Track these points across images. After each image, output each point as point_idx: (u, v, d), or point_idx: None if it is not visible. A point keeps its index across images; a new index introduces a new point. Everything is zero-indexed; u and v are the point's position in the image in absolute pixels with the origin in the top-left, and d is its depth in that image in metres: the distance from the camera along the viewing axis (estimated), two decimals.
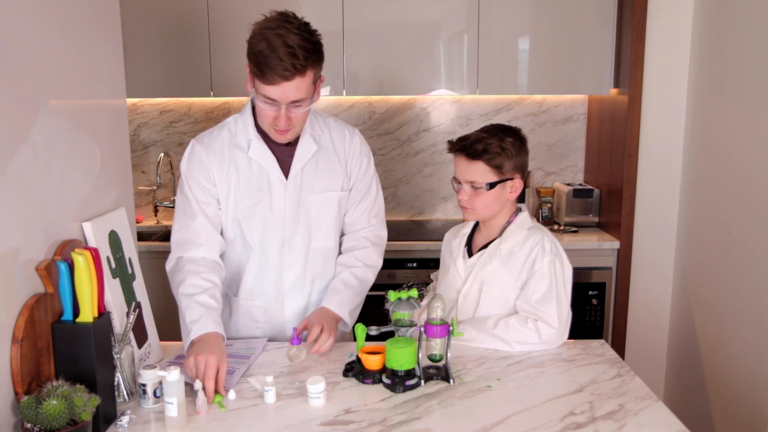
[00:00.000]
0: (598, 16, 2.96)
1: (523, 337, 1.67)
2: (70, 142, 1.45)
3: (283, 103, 1.58)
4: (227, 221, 1.77)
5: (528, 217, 1.78)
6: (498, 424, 1.34)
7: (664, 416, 1.37)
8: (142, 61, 2.99)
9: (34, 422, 1.17)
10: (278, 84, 1.54)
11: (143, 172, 3.42)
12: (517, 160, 1.70)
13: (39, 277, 1.29)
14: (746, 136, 2.36)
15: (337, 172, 1.80)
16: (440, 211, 3.47)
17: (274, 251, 1.78)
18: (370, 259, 1.87)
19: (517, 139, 1.72)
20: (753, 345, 2.30)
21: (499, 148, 1.67)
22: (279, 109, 1.59)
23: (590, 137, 3.33)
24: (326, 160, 1.79)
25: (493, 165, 1.68)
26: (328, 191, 1.79)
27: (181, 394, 1.32)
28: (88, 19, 1.56)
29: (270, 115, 1.61)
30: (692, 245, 2.81)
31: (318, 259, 1.83)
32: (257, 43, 1.54)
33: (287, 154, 1.75)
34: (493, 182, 1.69)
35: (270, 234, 1.77)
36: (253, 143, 1.73)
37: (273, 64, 1.51)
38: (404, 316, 1.54)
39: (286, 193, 1.75)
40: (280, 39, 1.51)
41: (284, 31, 1.52)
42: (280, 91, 1.55)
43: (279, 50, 1.51)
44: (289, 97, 1.57)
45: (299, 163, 1.75)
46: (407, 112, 3.37)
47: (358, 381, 1.53)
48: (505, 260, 1.73)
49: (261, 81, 1.55)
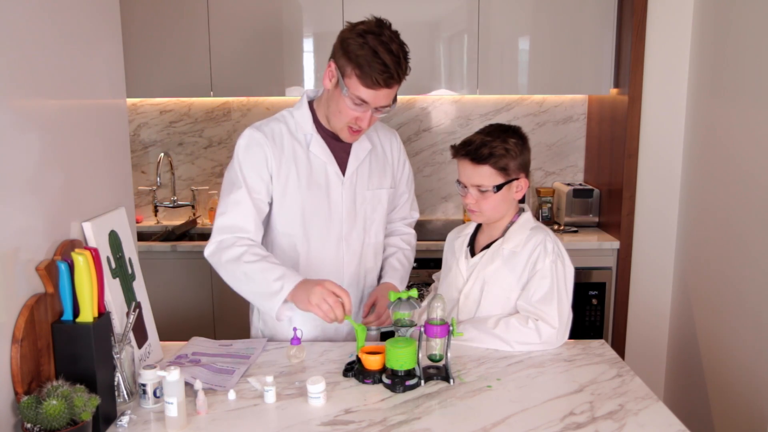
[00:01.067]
0: (598, 16, 2.96)
1: (524, 336, 1.67)
2: (70, 142, 1.45)
3: (372, 106, 1.62)
4: (284, 216, 1.76)
5: (531, 218, 1.79)
6: (498, 424, 1.34)
7: (664, 416, 1.37)
8: (142, 61, 2.99)
9: (34, 422, 1.17)
10: (377, 89, 1.59)
11: (143, 172, 3.42)
12: (521, 159, 1.71)
13: (39, 277, 1.29)
14: (746, 135, 2.36)
15: (386, 169, 1.87)
16: (440, 211, 3.47)
17: (332, 248, 1.80)
18: (413, 243, 2.04)
19: (519, 138, 1.72)
20: (753, 345, 2.30)
21: (504, 150, 1.67)
22: (366, 111, 1.63)
23: (590, 137, 3.34)
24: (377, 158, 1.85)
25: (499, 167, 1.68)
26: (380, 188, 1.85)
27: (181, 394, 1.32)
28: (88, 19, 1.56)
29: (353, 115, 1.64)
30: (692, 245, 2.81)
31: (370, 254, 1.88)
32: (360, 46, 1.57)
33: (343, 151, 1.79)
34: (500, 184, 1.69)
35: (328, 230, 1.78)
36: (314, 138, 1.75)
37: (379, 69, 1.56)
38: (404, 316, 1.54)
39: (343, 189, 1.78)
40: (385, 46, 1.57)
41: (387, 39, 1.58)
42: (375, 96, 1.60)
43: (385, 57, 1.56)
44: (380, 101, 1.62)
45: (356, 160, 1.79)
46: (407, 112, 3.37)
47: (358, 381, 1.53)
48: (507, 260, 1.73)
49: (360, 83, 1.59)
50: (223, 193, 1.75)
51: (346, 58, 1.59)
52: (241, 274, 1.65)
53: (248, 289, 1.67)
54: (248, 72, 3.01)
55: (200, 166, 3.42)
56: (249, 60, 3.00)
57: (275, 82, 3.04)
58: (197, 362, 1.62)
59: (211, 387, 1.49)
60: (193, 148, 3.42)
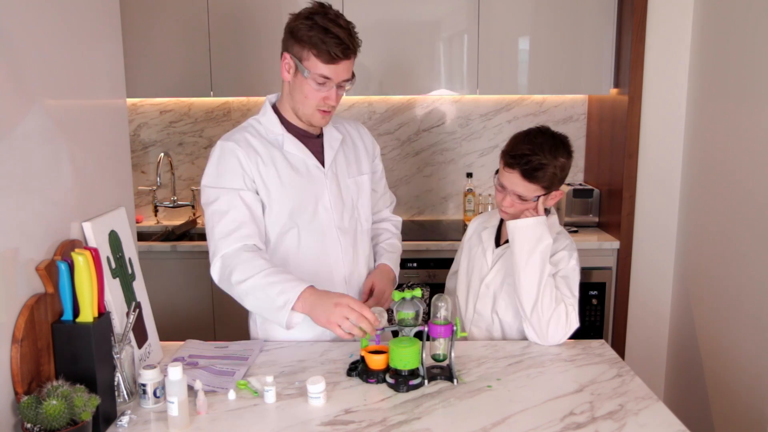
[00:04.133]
0: (598, 17, 2.96)
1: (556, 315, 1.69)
2: (69, 142, 1.45)
3: (335, 81, 1.67)
4: (273, 216, 1.75)
5: (557, 221, 1.84)
6: (498, 424, 1.34)
7: (664, 416, 1.38)
8: (142, 61, 2.99)
9: (34, 422, 1.17)
10: (337, 62, 1.64)
11: (143, 172, 3.42)
12: (564, 175, 1.76)
13: (39, 277, 1.29)
14: (746, 136, 2.36)
15: (362, 156, 1.92)
16: (440, 211, 3.47)
17: (328, 238, 1.80)
18: (399, 228, 2.07)
19: (569, 155, 1.75)
20: (753, 345, 2.30)
21: (555, 170, 1.71)
22: (331, 88, 1.68)
23: (590, 137, 3.34)
24: (351, 146, 1.90)
25: (545, 185, 1.72)
26: (360, 174, 1.89)
27: (183, 394, 1.32)
28: (88, 19, 1.56)
29: (319, 96, 1.69)
30: (692, 245, 2.81)
31: (365, 240, 1.90)
32: (310, 27, 1.63)
33: (316, 145, 1.82)
34: (540, 195, 1.74)
35: (320, 222, 1.79)
36: (286, 138, 1.77)
37: (335, 43, 1.62)
38: (408, 315, 1.54)
39: (326, 179, 1.80)
40: (333, 22, 1.64)
41: (333, 16, 1.66)
42: (335, 70, 1.65)
43: (338, 31, 1.63)
44: (341, 75, 1.67)
45: (331, 150, 1.82)
46: (407, 112, 3.37)
47: (362, 380, 1.53)
48: None
49: (320, 60, 1.64)
50: (205, 207, 1.71)
51: (299, 44, 1.65)
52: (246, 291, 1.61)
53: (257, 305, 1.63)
54: (248, 72, 3.01)
55: (200, 166, 3.42)
56: (249, 60, 3.00)
57: (275, 82, 3.02)
58: (195, 365, 1.62)
59: (212, 389, 1.49)
60: (193, 148, 3.42)
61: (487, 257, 1.87)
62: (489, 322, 1.83)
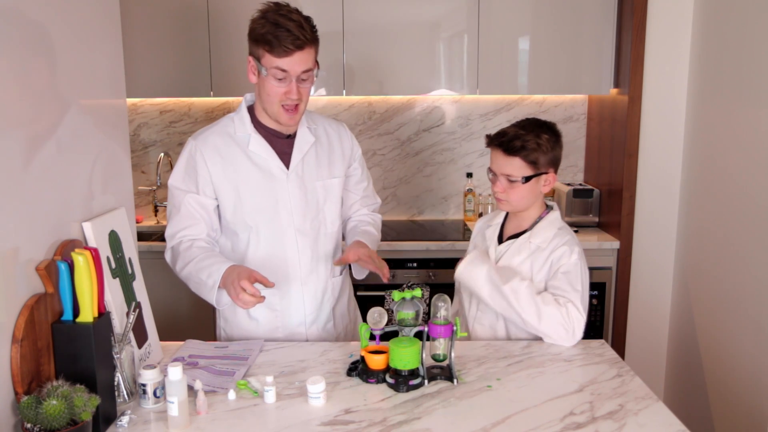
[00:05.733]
0: (598, 17, 2.96)
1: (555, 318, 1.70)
2: (69, 142, 1.45)
3: (293, 74, 1.68)
4: (231, 214, 1.81)
5: (559, 217, 1.84)
6: (498, 424, 1.34)
7: (664, 416, 1.38)
8: (142, 61, 2.99)
9: (34, 422, 1.17)
10: (291, 54, 1.65)
11: (143, 172, 3.42)
12: (552, 155, 1.77)
13: (39, 277, 1.29)
14: (746, 136, 2.36)
15: (336, 159, 1.90)
16: (440, 211, 3.47)
17: (285, 239, 1.82)
18: (379, 225, 2.05)
19: (553, 134, 1.78)
20: (753, 345, 2.30)
21: (536, 144, 1.73)
22: (290, 82, 1.69)
23: (590, 137, 3.33)
24: (326, 148, 1.89)
25: (529, 160, 1.74)
26: (331, 177, 1.88)
27: (183, 394, 1.32)
28: (88, 19, 1.56)
29: (280, 91, 1.70)
30: (692, 245, 2.81)
31: (328, 243, 1.90)
32: (262, 25, 1.66)
33: (287, 146, 1.82)
34: (528, 176, 1.74)
35: (279, 223, 1.81)
36: (252, 138, 1.80)
37: (284, 36, 1.64)
38: (408, 315, 1.54)
39: (288, 183, 1.80)
40: (284, 17, 1.66)
41: (286, 12, 1.67)
42: (291, 62, 1.66)
43: (288, 24, 1.64)
44: (299, 67, 1.68)
45: (299, 153, 1.82)
46: (407, 112, 3.37)
47: (362, 380, 1.53)
48: (533, 254, 1.79)
49: (273, 55, 1.66)
50: (168, 200, 1.86)
51: (255, 43, 1.69)
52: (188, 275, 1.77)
53: (196, 289, 1.78)
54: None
55: None
56: None
57: None
58: (195, 365, 1.62)
59: (213, 389, 1.49)
60: None
61: (490, 254, 1.87)
62: (493, 319, 1.83)
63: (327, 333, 1.92)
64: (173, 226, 1.82)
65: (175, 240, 1.82)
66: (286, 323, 1.87)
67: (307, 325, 1.88)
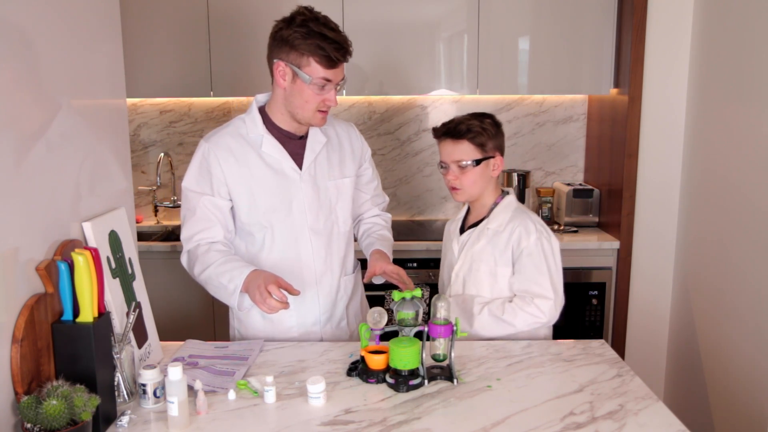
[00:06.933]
0: (598, 16, 2.96)
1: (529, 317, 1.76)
2: (69, 142, 1.45)
3: (335, 83, 1.73)
4: (245, 216, 1.82)
5: (514, 200, 1.90)
6: (498, 424, 1.34)
7: (664, 416, 1.38)
8: (142, 61, 2.99)
9: (34, 422, 1.17)
10: (339, 65, 1.71)
11: (143, 172, 3.42)
12: (496, 140, 1.84)
13: (39, 277, 1.29)
14: (746, 135, 2.36)
15: (347, 159, 1.92)
16: (440, 211, 3.47)
17: (300, 239, 1.83)
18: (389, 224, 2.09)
19: (494, 122, 1.86)
20: (753, 345, 2.30)
21: (480, 128, 1.81)
22: (331, 90, 1.73)
23: (590, 137, 3.33)
24: (336, 149, 1.91)
25: (477, 143, 1.81)
26: (342, 177, 1.90)
27: (183, 394, 1.32)
28: (88, 19, 1.56)
29: (320, 98, 1.73)
30: (692, 245, 2.81)
31: (342, 242, 1.91)
32: (306, 36, 1.66)
33: (299, 147, 1.84)
34: (478, 159, 1.81)
35: (293, 224, 1.82)
36: (265, 139, 1.80)
37: (334, 48, 1.67)
38: (408, 315, 1.54)
39: (302, 183, 1.82)
40: (327, 27, 1.68)
41: (324, 21, 1.70)
42: (336, 72, 1.72)
43: (334, 35, 1.68)
44: (341, 76, 1.75)
45: (311, 154, 1.84)
46: (407, 112, 3.37)
47: (362, 380, 1.53)
48: (491, 239, 1.84)
49: (322, 66, 1.68)
50: (182, 203, 1.84)
51: (296, 52, 1.69)
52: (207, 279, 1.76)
53: (215, 293, 1.78)
54: (248, 72, 3.01)
55: None
56: (249, 60, 2.99)
57: None
58: (195, 365, 1.62)
59: (213, 389, 1.49)
60: (193, 148, 3.36)
61: (454, 247, 1.92)
62: None
63: (341, 331, 1.92)
64: (189, 229, 1.80)
65: (192, 243, 1.80)
66: (301, 322, 1.87)
67: (321, 323, 1.89)
